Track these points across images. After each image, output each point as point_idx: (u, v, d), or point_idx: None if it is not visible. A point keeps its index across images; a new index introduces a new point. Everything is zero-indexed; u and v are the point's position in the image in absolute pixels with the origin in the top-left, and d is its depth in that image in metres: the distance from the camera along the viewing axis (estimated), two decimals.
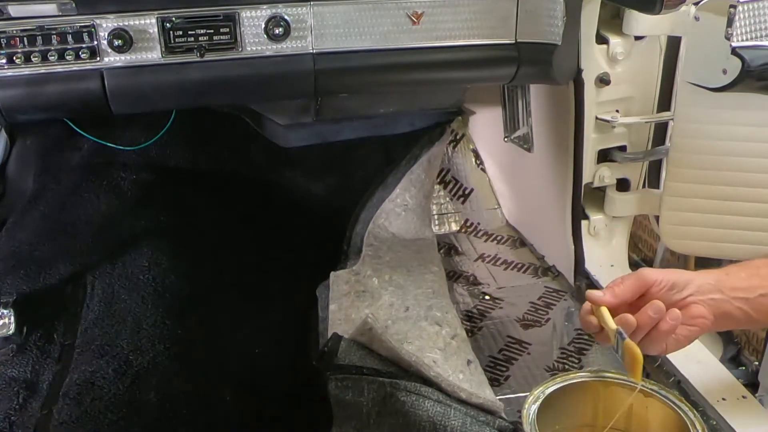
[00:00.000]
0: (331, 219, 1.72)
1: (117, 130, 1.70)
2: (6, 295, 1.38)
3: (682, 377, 1.25)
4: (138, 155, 1.72)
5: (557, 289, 1.62)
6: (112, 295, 1.45)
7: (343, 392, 1.15)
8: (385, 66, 1.30)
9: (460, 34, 1.30)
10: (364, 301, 1.37)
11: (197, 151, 1.78)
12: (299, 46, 1.24)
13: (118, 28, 1.16)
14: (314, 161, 1.80)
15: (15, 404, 1.23)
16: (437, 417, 1.11)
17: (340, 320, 1.32)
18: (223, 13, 1.19)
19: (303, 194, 1.81)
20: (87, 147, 1.72)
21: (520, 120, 1.67)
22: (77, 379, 1.27)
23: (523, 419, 1.03)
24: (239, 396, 1.29)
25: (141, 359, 1.32)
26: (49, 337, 1.37)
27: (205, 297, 1.48)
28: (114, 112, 1.22)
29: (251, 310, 1.48)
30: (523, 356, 1.44)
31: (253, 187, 1.79)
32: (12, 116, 1.19)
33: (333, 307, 1.37)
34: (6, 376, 1.28)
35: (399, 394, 1.13)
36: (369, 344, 1.22)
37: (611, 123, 1.47)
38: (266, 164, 1.80)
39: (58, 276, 1.48)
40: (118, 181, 1.70)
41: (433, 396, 1.14)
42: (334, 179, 1.82)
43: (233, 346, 1.39)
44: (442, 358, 1.25)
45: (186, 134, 1.71)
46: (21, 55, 1.13)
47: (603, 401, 1.10)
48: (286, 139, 1.71)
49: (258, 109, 1.57)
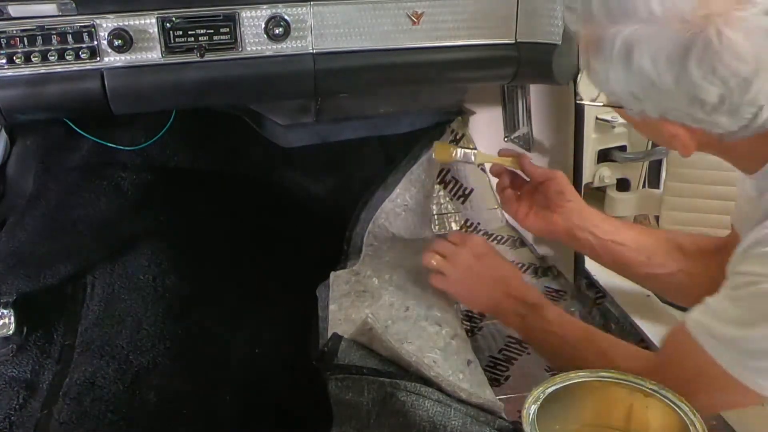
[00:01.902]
0: (331, 219, 1.72)
1: (117, 130, 1.70)
2: (6, 295, 1.38)
3: None
4: (138, 155, 1.72)
5: (557, 289, 1.62)
6: (112, 295, 1.45)
7: (343, 392, 1.15)
8: (385, 66, 1.30)
9: (460, 34, 1.30)
10: (364, 301, 1.36)
11: (197, 151, 1.78)
12: (299, 46, 1.24)
13: (118, 28, 1.16)
14: (314, 161, 1.80)
15: (15, 404, 1.23)
16: (437, 417, 1.11)
17: (340, 320, 1.32)
18: (223, 13, 1.19)
19: (303, 194, 1.80)
20: (87, 147, 1.71)
21: (520, 120, 1.67)
22: (77, 379, 1.27)
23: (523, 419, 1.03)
24: (239, 396, 1.29)
25: (141, 359, 1.32)
26: (49, 337, 1.36)
27: (205, 297, 1.48)
28: (114, 112, 1.22)
29: (251, 309, 1.48)
30: (523, 356, 1.44)
31: (253, 187, 1.79)
32: (12, 116, 1.19)
33: (333, 307, 1.37)
34: (6, 376, 1.28)
35: (399, 393, 1.13)
36: (369, 344, 1.21)
37: (611, 123, 1.47)
38: (266, 164, 1.80)
39: (58, 276, 1.48)
40: (118, 181, 1.70)
41: (433, 396, 1.14)
42: (334, 179, 1.82)
43: (233, 346, 1.39)
44: (442, 358, 1.25)
45: (186, 134, 1.71)
46: (21, 55, 1.14)
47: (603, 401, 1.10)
48: (286, 139, 1.71)
49: (258, 109, 1.57)
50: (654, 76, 0.78)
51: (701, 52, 0.74)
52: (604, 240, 1.20)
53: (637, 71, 0.79)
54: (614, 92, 0.84)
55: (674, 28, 0.75)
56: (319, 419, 1.16)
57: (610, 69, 0.81)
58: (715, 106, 0.77)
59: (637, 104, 0.83)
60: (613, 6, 0.78)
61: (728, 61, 0.73)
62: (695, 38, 0.74)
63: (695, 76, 0.75)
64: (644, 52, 0.77)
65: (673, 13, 0.75)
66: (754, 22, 0.73)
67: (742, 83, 0.75)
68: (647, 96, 0.81)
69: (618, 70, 0.80)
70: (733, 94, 0.76)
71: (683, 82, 0.76)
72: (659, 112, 0.82)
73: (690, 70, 0.75)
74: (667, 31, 0.75)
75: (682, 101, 0.78)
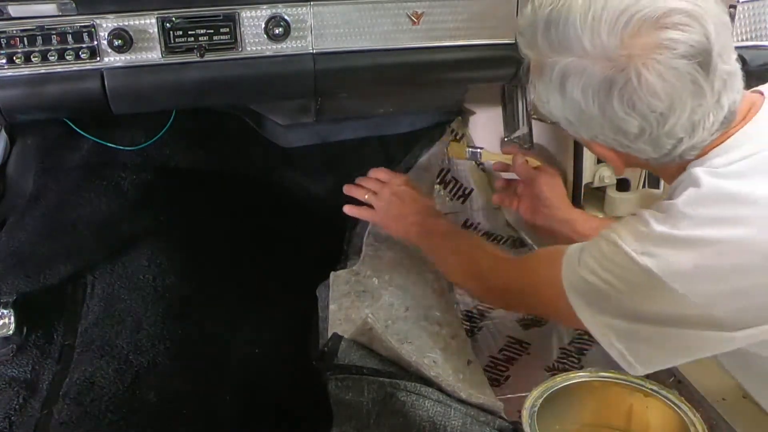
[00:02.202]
0: (331, 219, 1.72)
1: (117, 130, 1.70)
2: (6, 295, 1.38)
3: (682, 377, 1.25)
4: (138, 155, 1.71)
5: None
6: (112, 295, 1.45)
7: (343, 392, 1.15)
8: (385, 66, 1.30)
9: (460, 34, 1.30)
10: (364, 301, 1.36)
11: (197, 151, 1.78)
12: (299, 46, 1.24)
13: (118, 28, 1.16)
14: (314, 161, 1.80)
15: (15, 404, 1.23)
16: (437, 417, 1.11)
17: (340, 320, 1.32)
18: (223, 13, 1.19)
19: (303, 194, 1.80)
20: (87, 147, 1.71)
21: (520, 120, 1.67)
22: (77, 379, 1.27)
23: (523, 419, 1.03)
24: (239, 396, 1.29)
25: (141, 359, 1.32)
26: (49, 337, 1.37)
27: (205, 297, 1.48)
28: (114, 112, 1.22)
29: (251, 309, 1.48)
30: (523, 356, 1.44)
31: (253, 187, 1.79)
32: (12, 116, 1.19)
33: (333, 307, 1.37)
34: (6, 376, 1.28)
35: (399, 393, 1.13)
36: (369, 344, 1.22)
37: None
38: (266, 164, 1.79)
39: (58, 276, 1.48)
40: (118, 181, 1.70)
41: (433, 396, 1.14)
42: (334, 179, 1.82)
43: (233, 346, 1.40)
44: (442, 359, 1.25)
45: (186, 134, 1.71)
46: (21, 55, 1.13)
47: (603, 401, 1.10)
48: (286, 139, 1.71)
49: (258, 109, 1.56)
50: (583, 105, 0.86)
51: (622, 88, 0.83)
52: (583, 236, 1.25)
53: (570, 99, 0.88)
54: (553, 114, 0.93)
55: (601, 64, 0.83)
56: (319, 419, 1.16)
57: (550, 93, 0.90)
58: (636, 135, 0.86)
59: (572, 127, 0.93)
60: (553, 38, 0.87)
61: (645, 98, 0.82)
62: (618, 75, 0.82)
63: (617, 109, 0.84)
64: (576, 83, 0.86)
65: (600, 50, 0.83)
66: (668, 65, 0.81)
67: (660, 117, 0.83)
68: (579, 122, 0.90)
69: (555, 96, 0.90)
70: (651, 126, 0.84)
71: (608, 113, 0.85)
72: (590, 137, 0.92)
73: (613, 103, 0.84)
74: (596, 67, 0.84)
75: (607, 130, 0.88)
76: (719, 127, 0.86)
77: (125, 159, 1.72)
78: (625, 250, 0.86)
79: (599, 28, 0.83)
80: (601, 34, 0.83)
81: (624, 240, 0.87)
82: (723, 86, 0.84)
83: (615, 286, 0.87)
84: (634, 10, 0.81)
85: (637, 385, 1.06)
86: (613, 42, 0.82)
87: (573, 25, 0.84)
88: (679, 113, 0.83)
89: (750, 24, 1.22)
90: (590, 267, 0.90)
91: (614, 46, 0.82)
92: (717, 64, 0.82)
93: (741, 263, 0.83)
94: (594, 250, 0.91)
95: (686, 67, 0.81)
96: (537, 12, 0.89)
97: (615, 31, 0.82)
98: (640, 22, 0.81)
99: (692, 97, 0.82)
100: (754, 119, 0.89)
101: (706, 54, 0.81)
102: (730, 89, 0.85)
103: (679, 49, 0.80)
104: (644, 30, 0.81)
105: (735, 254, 0.83)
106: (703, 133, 0.85)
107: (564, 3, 0.86)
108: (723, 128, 0.87)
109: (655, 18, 0.81)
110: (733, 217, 0.83)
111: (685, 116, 0.83)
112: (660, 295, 0.84)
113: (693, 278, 0.83)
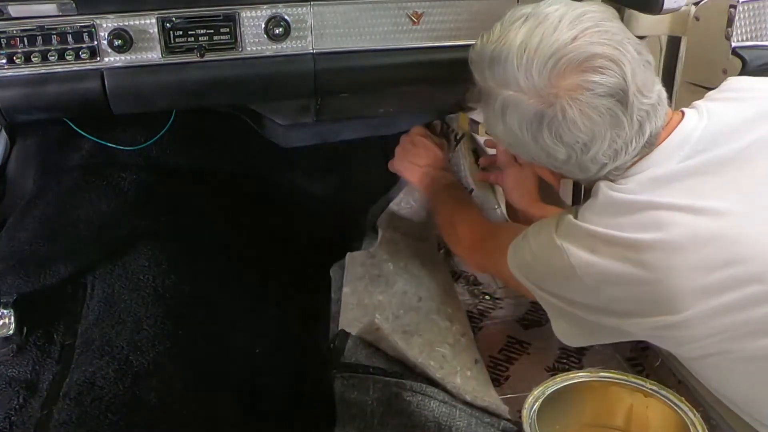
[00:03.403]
0: (331, 219, 1.72)
1: (117, 130, 1.70)
2: (6, 295, 1.38)
3: (682, 377, 1.25)
4: (138, 155, 1.72)
5: None
6: (112, 295, 1.45)
7: (349, 391, 1.15)
8: (385, 66, 1.30)
9: (460, 34, 1.30)
10: (378, 286, 1.37)
11: (197, 151, 1.78)
12: (299, 46, 1.24)
13: (118, 28, 1.16)
14: (314, 161, 1.80)
15: (15, 404, 1.23)
16: (443, 417, 1.11)
17: (352, 305, 1.32)
18: (223, 13, 1.19)
19: (303, 194, 1.81)
20: (87, 147, 1.71)
21: None
22: (77, 379, 1.27)
23: (523, 419, 1.03)
24: (239, 396, 1.29)
25: (141, 359, 1.32)
26: (49, 337, 1.36)
27: (205, 297, 1.48)
28: (114, 112, 1.22)
29: (251, 309, 1.48)
30: (523, 356, 1.44)
31: (252, 187, 1.79)
32: (12, 116, 1.19)
33: (346, 290, 1.38)
34: (6, 376, 1.28)
35: (404, 393, 1.13)
36: (376, 343, 1.22)
37: None
38: (266, 164, 1.80)
39: (58, 276, 1.48)
40: (118, 181, 1.70)
41: (438, 396, 1.14)
42: (334, 179, 1.82)
43: (233, 346, 1.39)
44: (451, 354, 1.26)
45: (186, 134, 1.71)
46: (21, 55, 1.14)
47: (603, 401, 1.10)
48: (286, 139, 1.71)
49: (258, 109, 1.56)
50: (519, 134, 0.98)
51: (551, 122, 0.94)
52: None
53: (509, 127, 0.99)
54: (498, 137, 1.05)
55: (534, 100, 0.95)
56: (320, 419, 1.16)
57: (494, 120, 1.01)
58: (564, 161, 0.98)
59: (513, 149, 1.07)
60: (495, 73, 0.98)
61: (569, 131, 0.94)
62: (547, 110, 0.94)
63: (547, 139, 0.96)
64: (513, 114, 0.97)
65: (532, 87, 0.94)
66: (589, 103, 0.92)
67: (583, 147, 0.95)
68: (517, 146, 1.02)
69: (498, 123, 1.01)
70: (576, 154, 0.96)
71: (539, 141, 0.97)
72: (527, 159, 1.05)
73: (543, 134, 0.96)
74: (529, 101, 0.95)
75: (541, 155, 1.00)
76: (641, 151, 0.97)
77: (125, 159, 1.72)
78: (552, 237, 1.00)
79: (531, 68, 0.93)
80: (533, 73, 0.93)
81: (552, 228, 1.02)
82: (645, 116, 0.94)
83: (539, 266, 1.04)
84: (561, 54, 0.92)
85: (637, 385, 1.06)
86: (543, 81, 0.93)
87: (511, 63, 0.95)
88: (599, 143, 0.94)
89: (750, 24, 1.22)
90: (529, 246, 1.05)
91: (544, 85, 0.93)
92: (634, 100, 0.93)
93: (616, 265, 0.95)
94: (532, 233, 1.06)
95: (606, 104, 0.92)
96: (485, 47, 1.00)
97: (545, 71, 0.92)
98: (566, 64, 0.92)
99: (611, 129, 0.93)
100: (667, 140, 0.98)
101: (623, 93, 0.92)
102: (653, 117, 0.95)
103: (597, 90, 0.91)
104: (569, 72, 0.92)
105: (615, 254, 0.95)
106: (625, 157, 0.96)
107: (505, 42, 0.96)
108: (645, 151, 0.97)
109: (578, 62, 0.91)
110: (616, 224, 0.95)
111: (605, 145, 0.94)
112: (566, 277, 0.98)
113: (588, 268, 0.96)
